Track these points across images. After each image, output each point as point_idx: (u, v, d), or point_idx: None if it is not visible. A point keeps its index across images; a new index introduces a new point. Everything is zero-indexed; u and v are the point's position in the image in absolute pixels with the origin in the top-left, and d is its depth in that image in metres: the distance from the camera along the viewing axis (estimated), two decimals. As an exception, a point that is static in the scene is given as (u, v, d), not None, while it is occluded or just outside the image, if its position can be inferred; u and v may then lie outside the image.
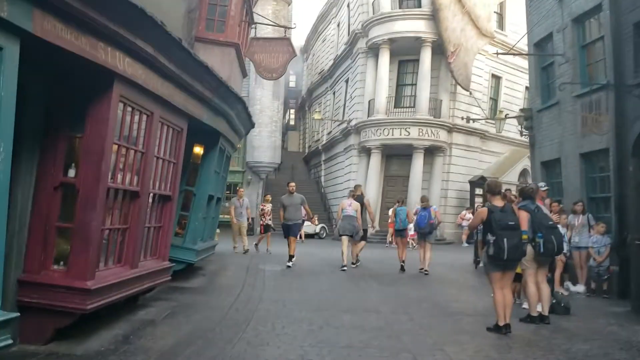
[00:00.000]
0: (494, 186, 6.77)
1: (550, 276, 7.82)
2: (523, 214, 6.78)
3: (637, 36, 9.31)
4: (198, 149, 9.75)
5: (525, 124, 14.23)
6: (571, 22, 11.47)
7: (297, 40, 26.82)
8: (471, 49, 24.45)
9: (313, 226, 25.22)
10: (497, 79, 27.85)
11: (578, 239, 9.94)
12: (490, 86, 27.54)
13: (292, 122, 49.81)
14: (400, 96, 26.15)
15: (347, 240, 12.27)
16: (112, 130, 5.39)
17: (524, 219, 6.70)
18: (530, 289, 7.04)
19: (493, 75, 27.51)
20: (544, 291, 7.12)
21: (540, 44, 13.33)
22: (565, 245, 8.25)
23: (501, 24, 27.74)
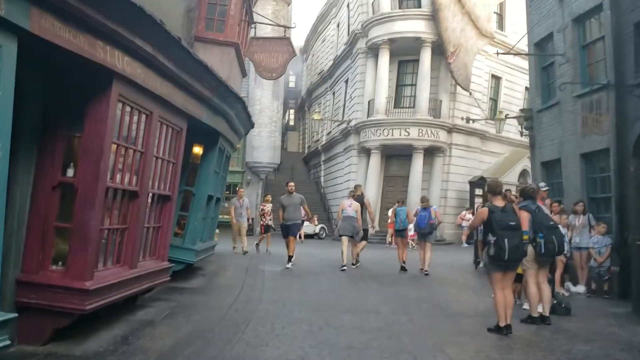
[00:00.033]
0: (495, 186, 6.76)
1: (550, 277, 7.80)
2: (524, 214, 6.75)
3: (638, 36, 9.29)
4: (197, 148, 9.73)
5: (525, 124, 14.21)
6: (572, 22, 11.44)
7: (297, 41, 26.74)
8: (471, 49, 24.44)
9: (313, 226, 25.22)
10: (496, 79, 27.85)
11: (579, 240, 9.91)
12: (490, 86, 27.54)
13: (291, 123, 49.81)
14: (400, 96, 26.13)
15: (347, 240, 12.26)
16: (111, 129, 5.37)
17: (525, 219, 6.68)
18: (531, 289, 7.02)
19: (493, 75, 27.50)
20: (545, 292, 7.10)
21: (541, 44, 13.31)
22: (565, 246, 8.23)
23: (501, 24, 27.74)
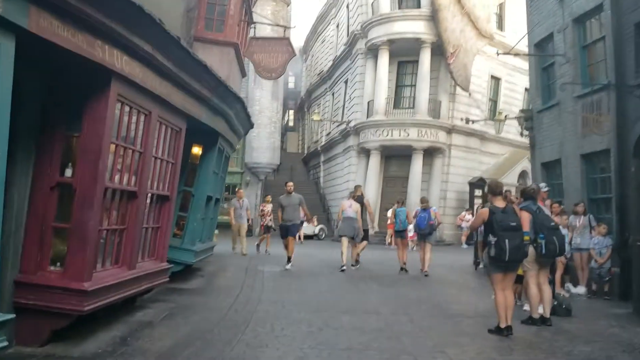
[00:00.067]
0: (495, 187, 6.72)
1: (551, 278, 7.77)
2: (525, 215, 6.72)
3: (638, 36, 9.27)
4: (196, 149, 9.70)
5: (525, 124, 14.18)
6: (572, 23, 11.42)
7: (296, 42, 26.72)
8: (471, 50, 24.44)
9: (312, 227, 25.19)
10: (496, 80, 27.83)
11: (579, 240, 9.87)
12: (490, 87, 27.52)
13: (291, 123, 49.75)
14: (400, 97, 26.11)
15: (347, 241, 12.23)
16: (109, 129, 5.34)
17: (525, 219, 6.65)
18: (532, 290, 6.99)
19: (492, 76, 27.48)
20: (546, 293, 7.07)
21: (541, 45, 13.28)
22: (566, 247, 8.20)
23: (501, 24, 27.73)
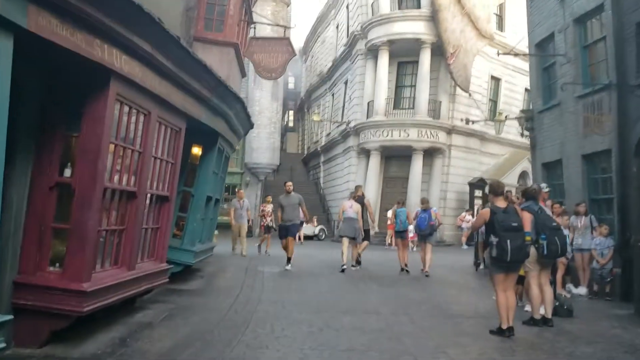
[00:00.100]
0: (497, 187, 6.67)
1: (552, 278, 7.74)
2: (526, 215, 6.68)
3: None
4: (196, 149, 9.67)
5: (526, 125, 14.14)
6: (573, 22, 11.39)
7: (296, 42, 26.66)
8: (471, 50, 24.42)
9: (312, 227, 25.17)
10: (496, 80, 27.81)
11: (581, 241, 9.83)
12: (490, 88, 27.50)
13: (291, 124, 49.75)
14: (400, 98, 26.09)
15: (348, 241, 12.21)
16: (108, 129, 5.31)
17: (527, 220, 6.61)
18: (534, 291, 6.96)
19: (492, 76, 27.46)
20: (547, 293, 7.04)
21: (542, 45, 13.25)
22: (567, 247, 8.16)
23: (501, 25, 27.71)
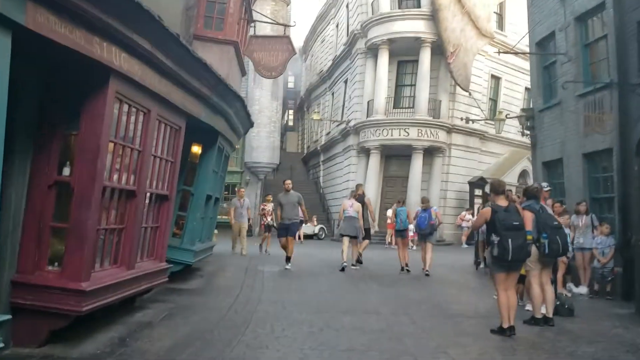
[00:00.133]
0: (498, 185, 6.64)
1: (552, 277, 7.71)
2: (528, 214, 6.65)
3: (641, 34, 9.23)
4: (196, 148, 9.63)
5: (526, 124, 14.11)
6: (574, 21, 11.36)
7: (296, 42, 26.60)
8: (471, 49, 24.36)
9: (312, 227, 25.14)
10: (496, 79, 27.76)
11: (582, 240, 9.80)
12: (490, 87, 27.45)
13: (290, 123, 49.73)
14: (400, 97, 26.04)
15: (348, 241, 12.19)
16: (107, 127, 5.28)
17: (528, 219, 6.58)
18: (535, 290, 6.92)
19: (492, 75, 27.41)
20: (548, 293, 7.01)
21: (542, 43, 13.22)
22: (569, 246, 8.14)
23: (501, 24, 27.66)
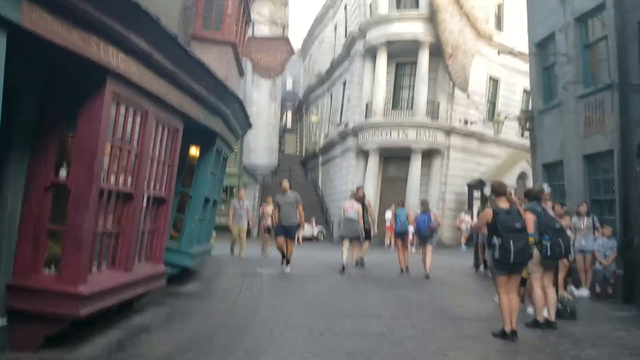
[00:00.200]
0: (499, 187, 6.58)
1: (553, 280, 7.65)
2: (529, 216, 6.59)
3: (642, 35, 9.19)
4: (194, 149, 9.55)
5: (526, 125, 14.06)
6: (574, 21, 11.32)
7: (294, 43, 26.56)
8: (469, 51, 24.39)
9: (311, 229, 25.07)
10: (495, 81, 27.74)
11: (584, 242, 9.75)
12: (488, 88, 27.44)
13: (289, 125, 49.66)
14: (398, 98, 26.05)
15: (348, 243, 12.13)
16: (105, 128, 5.20)
17: (530, 221, 6.53)
18: (537, 293, 6.86)
19: (491, 77, 27.40)
20: (551, 295, 6.94)
21: (542, 44, 13.17)
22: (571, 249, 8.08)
23: (499, 25, 27.66)
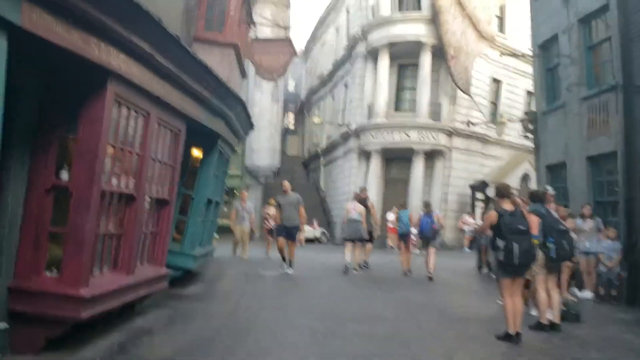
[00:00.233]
0: (504, 189, 6.54)
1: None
2: (534, 218, 6.55)
3: (646, 36, 9.16)
4: (196, 151, 9.53)
5: (529, 126, 14.02)
6: (577, 23, 11.29)
7: (297, 45, 26.61)
8: (471, 52, 24.32)
9: (313, 231, 25.02)
10: (497, 83, 27.69)
11: (588, 244, 9.69)
12: (491, 90, 27.38)
13: (291, 126, 49.64)
14: (400, 100, 26.03)
15: (351, 244, 12.11)
16: (106, 130, 5.16)
17: (534, 223, 6.48)
18: (541, 295, 6.82)
19: (493, 79, 27.35)
20: (555, 298, 6.89)
21: (545, 45, 13.14)
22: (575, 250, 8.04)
23: (502, 27, 27.61)
